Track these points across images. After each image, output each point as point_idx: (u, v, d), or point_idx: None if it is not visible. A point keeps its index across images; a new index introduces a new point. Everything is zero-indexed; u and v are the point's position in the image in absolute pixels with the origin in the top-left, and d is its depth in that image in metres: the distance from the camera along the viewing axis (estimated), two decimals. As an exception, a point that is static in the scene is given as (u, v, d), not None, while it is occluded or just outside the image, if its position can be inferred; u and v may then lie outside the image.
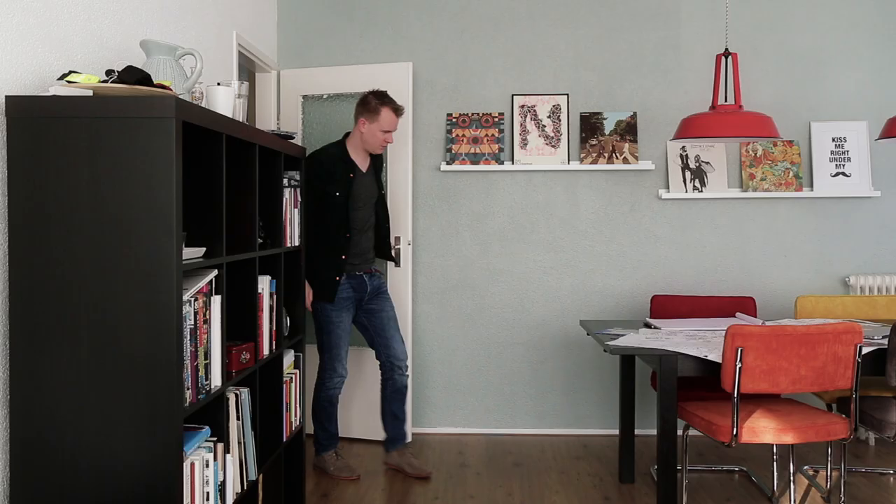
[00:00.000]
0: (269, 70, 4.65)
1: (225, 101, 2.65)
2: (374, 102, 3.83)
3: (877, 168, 4.64)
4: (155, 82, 2.19)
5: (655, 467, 3.47)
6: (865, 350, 3.10)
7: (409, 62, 4.48)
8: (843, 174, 4.61)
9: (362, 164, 3.96)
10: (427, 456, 4.31)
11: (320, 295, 3.88)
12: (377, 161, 4.08)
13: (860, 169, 4.60)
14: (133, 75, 2.12)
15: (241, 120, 2.90)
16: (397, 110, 3.86)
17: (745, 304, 4.13)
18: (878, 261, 4.66)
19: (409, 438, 4.01)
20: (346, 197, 3.85)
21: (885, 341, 3.18)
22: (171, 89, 2.18)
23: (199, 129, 2.38)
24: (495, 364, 4.74)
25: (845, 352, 3.00)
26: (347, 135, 3.99)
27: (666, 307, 4.16)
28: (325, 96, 4.71)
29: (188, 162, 2.43)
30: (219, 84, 2.69)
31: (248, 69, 4.74)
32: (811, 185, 4.63)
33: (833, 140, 4.63)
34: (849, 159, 4.61)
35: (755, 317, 3.97)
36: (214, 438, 2.44)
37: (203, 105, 2.68)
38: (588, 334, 3.74)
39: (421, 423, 4.76)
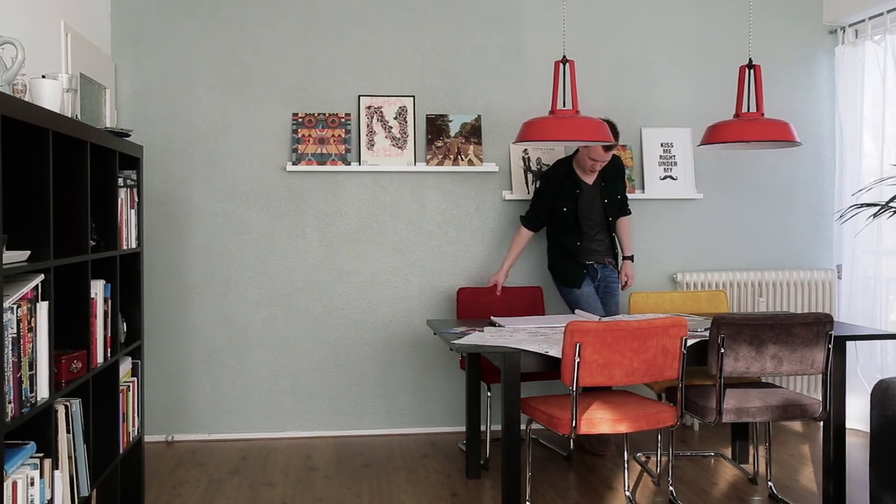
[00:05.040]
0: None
1: (51, 94, 2.49)
2: None
3: (700, 172, 4.99)
4: (-30, 73, 2.03)
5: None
6: (690, 342, 3.32)
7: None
8: (671, 177, 4.91)
9: (588, 178, 4.39)
10: (275, 461, 4.23)
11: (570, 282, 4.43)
12: (608, 170, 4.42)
13: (685, 173, 4.93)
14: (-56, 65, 1.96)
15: (70, 115, 2.74)
16: (607, 148, 4.24)
17: (584, 301, 4.31)
18: (701, 258, 5.01)
19: None
20: (574, 210, 4.35)
21: (707, 333, 3.42)
22: (-12, 81, 2.03)
23: (22, 124, 2.22)
24: (343, 365, 4.72)
25: (673, 344, 3.21)
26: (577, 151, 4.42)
27: (510, 305, 4.29)
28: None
29: (11, 160, 2.27)
30: (44, 77, 2.53)
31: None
32: (643, 188, 4.91)
33: (661, 145, 4.93)
34: (675, 164, 4.92)
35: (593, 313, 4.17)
36: (41, 454, 2.29)
37: (27, 99, 2.51)
38: (435, 333, 3.79)
39: (268, 429, 4.66)
